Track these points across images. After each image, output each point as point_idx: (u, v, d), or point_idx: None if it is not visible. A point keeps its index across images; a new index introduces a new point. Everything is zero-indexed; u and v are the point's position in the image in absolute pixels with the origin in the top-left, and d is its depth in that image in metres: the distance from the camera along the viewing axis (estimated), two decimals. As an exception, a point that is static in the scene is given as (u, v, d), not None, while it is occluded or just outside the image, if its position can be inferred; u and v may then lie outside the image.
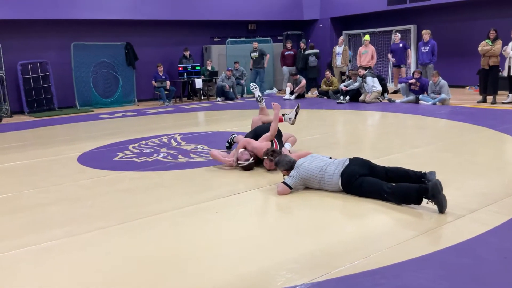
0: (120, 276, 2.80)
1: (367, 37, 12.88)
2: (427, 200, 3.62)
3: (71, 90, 12.37)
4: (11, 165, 6.01)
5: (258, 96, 6.09)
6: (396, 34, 12.87)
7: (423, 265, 2.74)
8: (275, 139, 5.39)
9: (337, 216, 3.74)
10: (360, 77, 11.11)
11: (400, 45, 12.45)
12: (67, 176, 5.28)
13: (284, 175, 4.42)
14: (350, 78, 11.78)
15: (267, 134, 5.31)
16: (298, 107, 5.92)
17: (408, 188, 3.75)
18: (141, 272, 2.84)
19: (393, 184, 3.85)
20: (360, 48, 12.95)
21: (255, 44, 13.71)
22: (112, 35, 12.92)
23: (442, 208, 3.56)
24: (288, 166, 4.35)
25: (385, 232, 3.29)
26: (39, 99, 12.12)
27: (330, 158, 4.40)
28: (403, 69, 12.61)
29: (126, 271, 2.86)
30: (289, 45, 14.01)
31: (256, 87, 6.22)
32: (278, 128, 5.46)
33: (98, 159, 6.12)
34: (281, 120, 5.74)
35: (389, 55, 12.74)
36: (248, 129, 6.13)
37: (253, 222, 3.69)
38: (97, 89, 12.84)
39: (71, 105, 12.46)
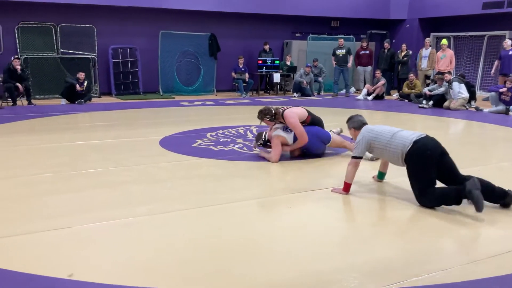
0: (193, 259, 2.90)
1: (444, 41, 12.24)
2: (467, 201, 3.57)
3: (156, 76, 12.93)
4: (99, 142, 6.42)
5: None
6: (506, 40, 11.74)
7: (509, 285, 2.58)
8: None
9: (414, 224, 3.61)
10: (447, 82, 10.59)
11: (510, 52, 11.43)
12: (149, 157, 5.55)
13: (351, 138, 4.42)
14: (435, 82, 11.28)
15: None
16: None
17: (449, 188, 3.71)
18: (212, 257, 2.92)
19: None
20: (438, 52, 12.32)
21: (341, 41, 13.48)
22: (197, 26, 13.32)
23: (478, 206, 3.42)
24: (358, 125, 4.25)
25: (465, 246, 3.15)
26: (126, 82, 12.80)
27: None
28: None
29: (199, 254, 2.97)
30: (364, 44, 13.66)
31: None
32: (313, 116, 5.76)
33: (178, 144, 6.36)
34: None
35: (496, 62, 11.73)
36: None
37: (326, 220, 3.65)
38: (180, 77, 13.31)
39: (155, 91, 13.03)
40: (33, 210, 3.71)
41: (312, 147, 5.53)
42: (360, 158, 4.08)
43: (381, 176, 4.50)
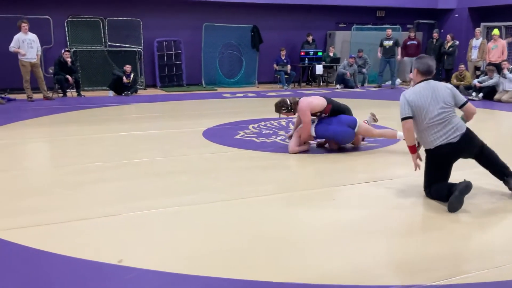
0: (240, 248, 2.94)
1: (496, 32, 11.72)
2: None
3: (199, 68, 13.09)
4: (145, 133, 6.59)
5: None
6: None
7: None
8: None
9: (464, 221, 3.49)
10: (508, 70, 10.12)
11: None
12: (193, 148, 5.64)
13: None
14: (485, 74, 10.84)
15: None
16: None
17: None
18: (258, 247, 2.95)
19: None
20: (489, 43, 11.80)
21: (389, 32, 13.15)
22: (240, 18, 13.35)
23: (450, 207, 3.48)
24: (423, 69, 3.81)
25: (519, 244, 3.02)
26: (170, 75, 13.03)
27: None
28: None
29: (245, 244, 3.00)
30: (412, 34, 13.27)
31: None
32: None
33: (221, 135, 6.43)
34: None
35: None
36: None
37: (370, 214, 3.60)
38: (222, 69, 13.42)
39: (198, 83, 13.20)
40: (84, 198, 3.86)
41: (338, 134, 5.34)
42: (408, 118, 3.82)
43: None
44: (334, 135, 5.36)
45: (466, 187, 3.52)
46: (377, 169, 4.80)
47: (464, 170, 4.03)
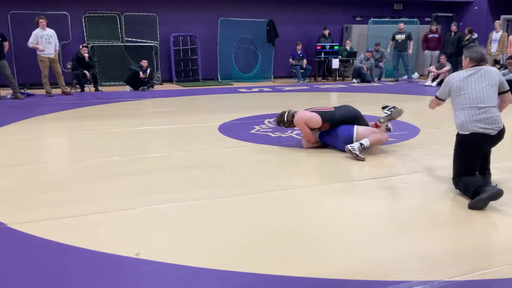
0: (255, 242, 2.95)
1: None
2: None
3: (215, 63, 13.12)
4: (161, 128, 6.63)
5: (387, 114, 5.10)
6: None
7: None
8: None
9: (484, 215, 3.44)
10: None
11: None
12: (209, 143, 5.67)
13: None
14: (505, 68, 10.64)
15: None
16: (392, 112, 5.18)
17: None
18: (273, 242, 2.95)
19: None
20: (510, 36, 11.57)
21: (401, 26, 13.02)
22: (256, 12, 13.32)
23: (473, 203, 3.44)
24: (475, 57, 3.77)
25: (539, 240, 2.97)
26: (186, 69, 13.09)
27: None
28: None
29: (261, 238, 3.01)
30: (433, 27, 13.08)
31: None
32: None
33: (237, 130, 6.44)
34: (377, 126, 5.25)
35: None
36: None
37: (386, 209, 3.58)
38: (238, 64, 13.42)
39: (213, 78, 13.23)
40: (101, 191, 3.91)
41: (339, 148, 5.29)
42: (439, 99, 3.93)
43: None
44: (335, 147, 5.35)
45: (497, 194, 3.42)
46: (394, 163, 4.76)
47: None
